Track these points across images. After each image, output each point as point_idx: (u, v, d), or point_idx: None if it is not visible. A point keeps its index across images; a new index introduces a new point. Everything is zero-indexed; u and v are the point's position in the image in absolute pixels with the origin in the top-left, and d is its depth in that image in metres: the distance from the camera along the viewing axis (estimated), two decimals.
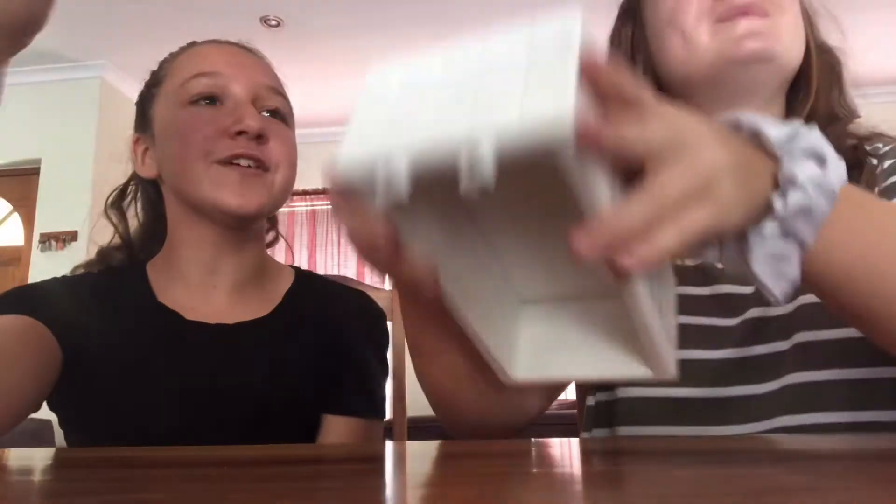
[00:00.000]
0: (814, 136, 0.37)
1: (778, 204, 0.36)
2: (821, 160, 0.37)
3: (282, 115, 0.78)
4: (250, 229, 0.77)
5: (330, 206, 0.38)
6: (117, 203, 0.83)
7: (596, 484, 0.27)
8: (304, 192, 4.55)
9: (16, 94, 3.90)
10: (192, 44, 0.80)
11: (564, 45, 0.30)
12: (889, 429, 0.55)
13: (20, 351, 0.63)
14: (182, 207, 0.74)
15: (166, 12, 3.23)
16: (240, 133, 0.71)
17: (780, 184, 0.36)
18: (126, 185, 0.84)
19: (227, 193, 0.70)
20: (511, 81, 0.30)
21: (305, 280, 0.84)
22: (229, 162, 0.71)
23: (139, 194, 0.84)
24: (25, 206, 3.91)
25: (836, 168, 0.38)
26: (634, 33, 0.72)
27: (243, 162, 0.71)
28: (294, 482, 0.32)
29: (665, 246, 0.32)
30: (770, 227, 0.37)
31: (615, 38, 0.76)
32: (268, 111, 0.76)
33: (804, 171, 0.36)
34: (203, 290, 0.75)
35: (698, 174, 0.32)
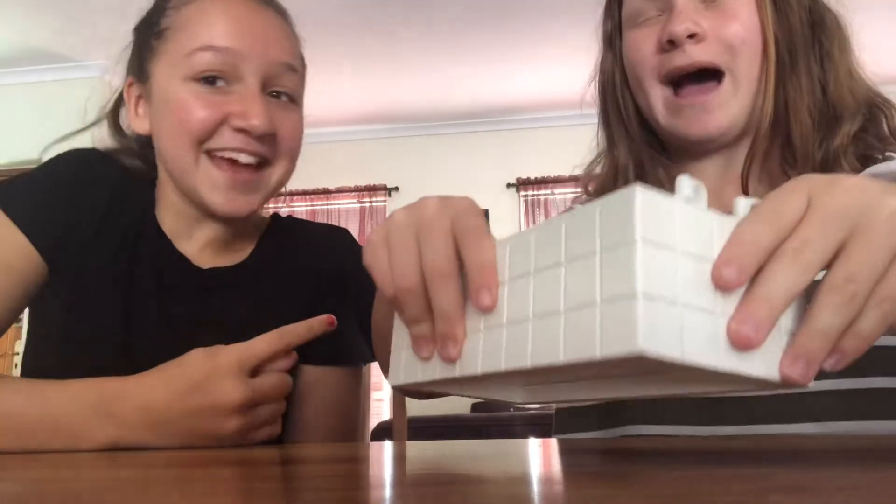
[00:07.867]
0: None
1: None
2: None
3: (292, 96, 0.71)
4: None
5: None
6: (116, 112, 0.82)
7: (593, 484, 0.27)
8: (304, 192, 4.55)
9: (15, 94, 3.89)
10: None
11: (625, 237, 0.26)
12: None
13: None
14: (169, 177, 0.72)
15: None
16: (243, 129, 0.66)
17: None
18: (119, 97, 0.81)
19: (216, 195, 0.67)
20: (587, 283, 0.27)
21: (282, 224, 0.83)
22: (223, 155, 0.67)
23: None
24: None
25: None
26: (615, 66, 0.74)
27: (243, 158, 0.67)
28: (292, 482, 0.32)
29: (872, 332, 0.27)
30: None
31: (602, 65, 0.77)
32: (278, 91, 0.70)
33: None
34: (178, 240, 0.74)
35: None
